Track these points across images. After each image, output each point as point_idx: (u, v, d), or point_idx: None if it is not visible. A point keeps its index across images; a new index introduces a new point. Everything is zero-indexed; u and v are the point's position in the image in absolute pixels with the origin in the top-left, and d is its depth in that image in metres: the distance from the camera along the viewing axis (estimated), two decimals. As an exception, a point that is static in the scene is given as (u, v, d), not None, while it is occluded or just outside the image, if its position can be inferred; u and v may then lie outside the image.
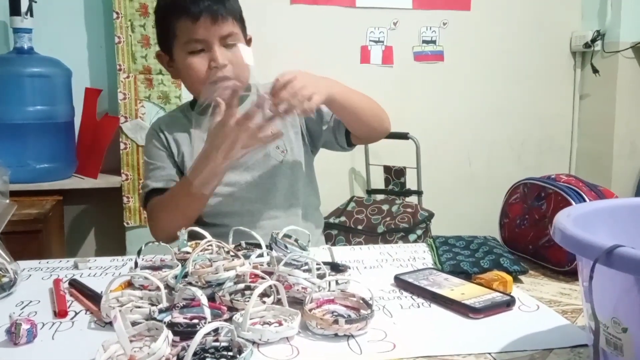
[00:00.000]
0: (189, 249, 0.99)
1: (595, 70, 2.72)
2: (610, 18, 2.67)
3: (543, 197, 1.04)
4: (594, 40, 2.69)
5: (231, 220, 1.19)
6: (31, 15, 2.04)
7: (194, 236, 1.01)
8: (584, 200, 0.97)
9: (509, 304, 0.82)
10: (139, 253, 0.97)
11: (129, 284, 0.88)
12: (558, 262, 0.99)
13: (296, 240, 1.00)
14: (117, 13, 2.12)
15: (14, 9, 2.01)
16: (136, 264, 0.96)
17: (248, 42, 1.28)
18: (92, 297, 0.84)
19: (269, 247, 0.97)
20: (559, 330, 0.76)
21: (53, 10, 2.20)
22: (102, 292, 0.82)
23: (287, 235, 1.00)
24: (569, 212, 0.67)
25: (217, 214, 1.26)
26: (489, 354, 0.69)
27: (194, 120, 1.30)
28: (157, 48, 1.31)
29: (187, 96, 2.17)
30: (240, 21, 1.25)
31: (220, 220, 1.25)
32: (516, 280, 0.94)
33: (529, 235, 1.06)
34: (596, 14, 2.74)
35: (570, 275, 0.97)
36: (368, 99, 1.27)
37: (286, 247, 0.94)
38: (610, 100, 2.68)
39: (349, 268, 0.96)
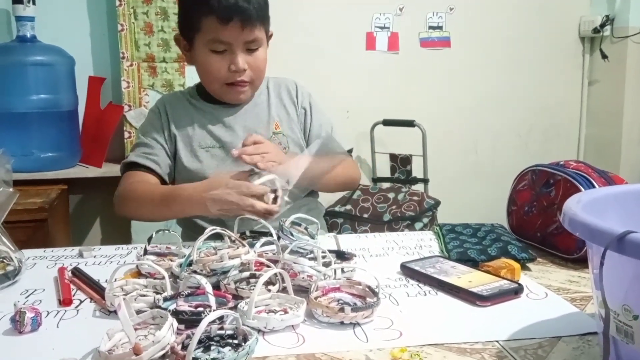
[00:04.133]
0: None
1: (604, 56, 2.68)
2: (620, 3, 2.63)
3: (552, 184, 1.03)
4: (602, 25, 2.65)
5: None
6: (34, 4, 2.03)
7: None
8: (594, 187, 0.95)
9: (517, 291, 0.81)
10: (149, 240, 0.97)
11: (138, 274, 0.88)
12: (567, 249, 0.98)
13: (306, 229, 0.99)
14: (120, 0, 2.11)
15: (17, -3, 1.99)
16: (146, 251, 0.95)
17: (269, 37, 1.28)
18: (95, 286, 0.84)
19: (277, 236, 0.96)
20: (568, 318, 0.75)
21: (56, -2, 2.19)
22: (107, 280, 0.82)
23: (296, 223, 0.99)
24: (578, 198, 0.66)
25: None
26: (497, 341, 0.68)
27: (199, 107, 1.30)
28: (162, 35, 1.31)
29: (191, 84, 2.16)
30: (266, 23, 1.24)
31: None
32: (524, 267, 0.93)
33: (537, 222, 1.05)
34: (605, -2, 2.71)
35: (579, 262, 0.96)
36: (336, 166, 1.23)
37: (292, 234, 0.94)
38: (620, 86, 2.65)
39: (355, 256, 0.96)
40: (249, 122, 1.29)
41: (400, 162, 2.45)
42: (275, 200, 1.01)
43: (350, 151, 1.38)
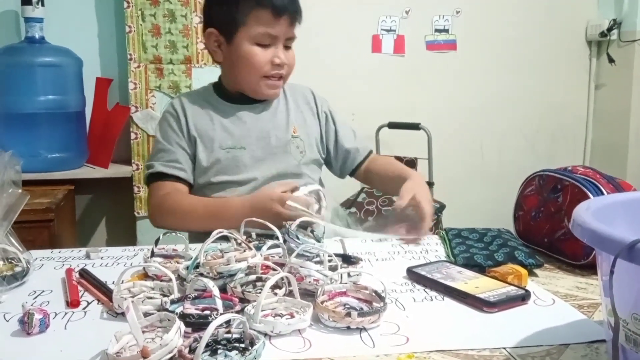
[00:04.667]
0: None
1: (611, 60, 2.68)
2: (627, 7, 2.62)
3: (559, 189, 1.03)
4: (610, 30, 2.65)
5: None
6: (42, 5, 2.04)
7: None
8: (602, 193, 0.95)
9: (524, 298, 0.81)
10: (156, 242, 0.97)
11: (145, 276, 0.88)
12: (574, 256, 0.97)
13: (312, 232, 0.99)
14: (128, 2, 2.12)
15: (26, -2, 2.01)
16: (153, 253, 0.96)
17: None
18: (102, 288, 0.84)
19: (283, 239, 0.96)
20: (576, 325, 0.74)
21: (64, -1, 2.20)
22: (114, 282, 0.82)
23: (302, 227, 0.99)
24: (587, 205, 0.65)
25: None
26: (504, 348, 0.68)
27: (218, 106, 1.31)
28: (169, 37, 1.32)
29: (197, 86, 2.17)
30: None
31: None
32: (531, 273, 0.93)
33: (544, 228, 1.04)
34: (612, 2, 2.70)
35: (586, 269, 0.96)
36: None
37: (298, 238, 0.93)
38: (626, 90, 2.64)
39: (361, 260, 0.95)
40: (269, 125, 1.31)
41: (406, 165, 2.45)
42: (319, 210, 1.02)
43: (370, 152, 1.44)
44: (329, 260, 0.87)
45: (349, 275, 0.85)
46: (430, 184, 2.43)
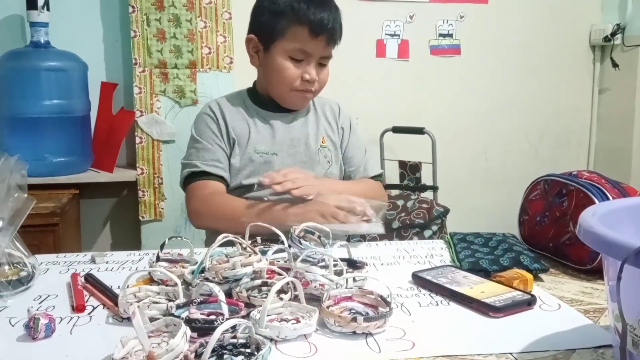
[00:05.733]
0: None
1: (615, 65, 2.67)
2: (631, 11, 2.62)
3: (564, 194, 1.02)
4: (613, 34, 2.64)
5: None
6: (48, 9, 2.05)
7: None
8: (607, 198, 0.95)
9: (529, 302, 0.81)
10: (162, 247, 0.97)
11: (151, 280, 0.88)
12: (579, 260, 0.97)
13: (319, 237, 1.00)
14: (133, 7, 2.12)
15: (31, 3, 2.01)
16: (158, 257, 0.96)
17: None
18: (108, 293, 0.84)
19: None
20: (582, 330, 0.74)
21: (69, 4, 2.21)
22: (119, 287, 0.82)
23: (310, 232, 0.99)
24: (594, 210, 0.65)
25: None
26: (510, 354, 0.68)
27: (254, 111, 1.34)
28: (174, 42, 1.33)
29: (202, 90, 2.19)
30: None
31: None
32: (536, 278, 0.92)
33: (549, 232, 1.04)
34: (616, 7, 2.69)
35: (592, 273, 0.96)
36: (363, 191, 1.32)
37: (301, 242, 0.93)
38: (630, 95, 2.64)
39: (367, 265, 0.95)
40: (300, 134, 1.35)
41: (410, 169, 2.45)
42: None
43: (380, 175, 1.45)
44: (335, 265, 0.87)
45: (354, 280, 0.85)
46: (434, 188, 2.43)
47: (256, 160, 1.30)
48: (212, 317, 0.73)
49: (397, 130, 2.47)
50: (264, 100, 1.36)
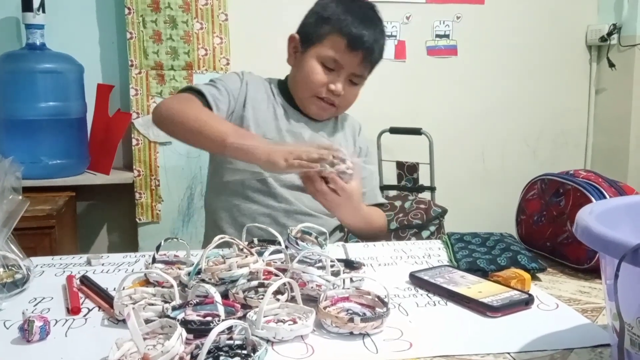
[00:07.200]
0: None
1: (611, 65, 2.67)
2: (627, 11, 2.62)
3: (561, 193, 1.02)
4: (610, 34, 2.64)
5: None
6: (43, 12, 2.04)
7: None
8: (604, 197, 0.95)
9: (527, 302, 0.80)
10: (157, 249, 0.97)
11: (147, 282, 0.87)
12: (577, 260, 0.97)
13: (316, 238, 0.99)
14: (129, 9, 2.12)
15: (27, 5, 2.01)
16: (154, 259, 0.95)
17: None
18: (103, 295, 0.84)
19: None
20: (580, 330, 0.74)
21: (65, 6, 2.20)
22: (115, 289, 0.82)
23: (307, 233, 0.99)
24: (591, 209, 0.65)
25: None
26: (508, 353, 0.67)
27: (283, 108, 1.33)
28: (170, 44, 1.32)
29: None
30: (374, 69, 1.32)
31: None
32: (534, 278, 0.92)
33: (546, 232, 1.04)
34: (612, 7, 2.69)
35: (590, 272, 0.95)
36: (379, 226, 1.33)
37: (297, 243, 0.93)
38: (627, 95, 2.64)
39: (364, 265, 0.95)
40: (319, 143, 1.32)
41: (407, 170, 2.45)
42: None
43: (383, 205, 1.43)
44: (332, 266, 0.87)
45: (351, 280, 0.85)
46: (432, 189, 2.43)
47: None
48: (208, 318, 0.72)
49: (394, 131, 2.47)
50: (291, 98, 1.34)
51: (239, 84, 1.30)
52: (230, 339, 0.67)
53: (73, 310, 0.79)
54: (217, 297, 0.73)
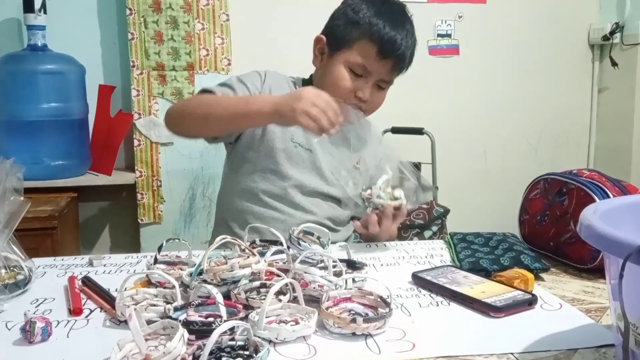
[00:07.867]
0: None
1: (614, 63, 2.67)
2: (630, 10, 2.61)
3: (565, 193, 1.02)
4: (612, 33, 2.64)
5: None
6: (45, 13, 2.04)
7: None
8: (607, 196, 0.94)
9: (530, 302, 0.80)
10: (159, 249, 0.96)
11: (148, 283, 0.87)
12: (580, 259, 0.96)
13: (318, 238, 0.99)
14: (130, 9, 2.12)
15: (28, 6, 2.01)
16: (156, 259, 0.95)
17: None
18: (105, 296, 0.83)
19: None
20: (583, 330, 0.74)
21: (66, 7, 2.20)
22: (117, 289, 0.81)
23: (309, 233, 0.99)
24: (595, 208, 0.65)
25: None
26: (512, 354, 0.67)
27: None
28: (172, 44, 1.31)
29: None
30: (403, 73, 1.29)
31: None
32: (537, 278, 0.92)
33: (549, 231, 1.03)
34: (615, 5, 2.69)
35: (593, 272, 0.95)
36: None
37: (300, 244, 0.93)
38: (630, 94, 2.63)
39: (366, 265, 0.95)
40: (337, 148, 1.31)
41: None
42: None
43: None
44: (334, 266, 0.86)
45: (353, 280, 0.84)
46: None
47: (290, 147, 1.25)
48: (210, 319, 0.72)
49: (396, 130, 2.47)
50: None
51: (259, 83, 1.28)
52: (233, 339, 0.66)
53: (75, 311, 0.79)
54: (219, 298, 0.73)
